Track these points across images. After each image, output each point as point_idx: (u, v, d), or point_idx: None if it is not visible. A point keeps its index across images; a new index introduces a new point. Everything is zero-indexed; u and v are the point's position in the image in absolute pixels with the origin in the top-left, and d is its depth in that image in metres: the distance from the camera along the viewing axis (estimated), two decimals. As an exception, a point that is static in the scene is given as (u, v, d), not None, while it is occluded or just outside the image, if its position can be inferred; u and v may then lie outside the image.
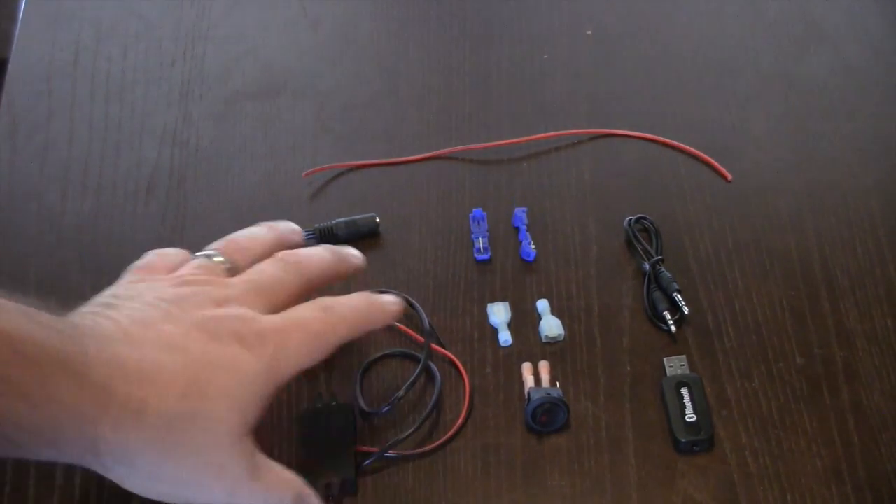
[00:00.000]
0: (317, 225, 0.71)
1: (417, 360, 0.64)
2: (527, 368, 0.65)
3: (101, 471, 0.52)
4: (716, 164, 0.75)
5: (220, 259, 0.59)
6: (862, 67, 0.82)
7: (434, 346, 0.65)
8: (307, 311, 0.56)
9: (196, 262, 0.59)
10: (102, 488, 0.60)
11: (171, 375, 0.51)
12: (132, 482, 0.53)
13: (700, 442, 0.61)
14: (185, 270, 0.58)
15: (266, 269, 0.58)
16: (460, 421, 0.62)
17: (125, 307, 0.54)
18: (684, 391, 0.62)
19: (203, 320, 0.53)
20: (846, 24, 0.85)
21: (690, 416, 0.61)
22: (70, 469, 0.60)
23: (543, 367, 0.64)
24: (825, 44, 0.84)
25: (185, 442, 0.51)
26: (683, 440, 0.61)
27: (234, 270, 0.58)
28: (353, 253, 0.62)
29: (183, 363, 0.51)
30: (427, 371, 0.64)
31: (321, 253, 0.60)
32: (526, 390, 0.63)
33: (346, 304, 0.57)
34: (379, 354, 0.65)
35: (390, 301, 0.60)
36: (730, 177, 0.75)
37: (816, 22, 0.85)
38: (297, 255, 0.59)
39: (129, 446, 0.50)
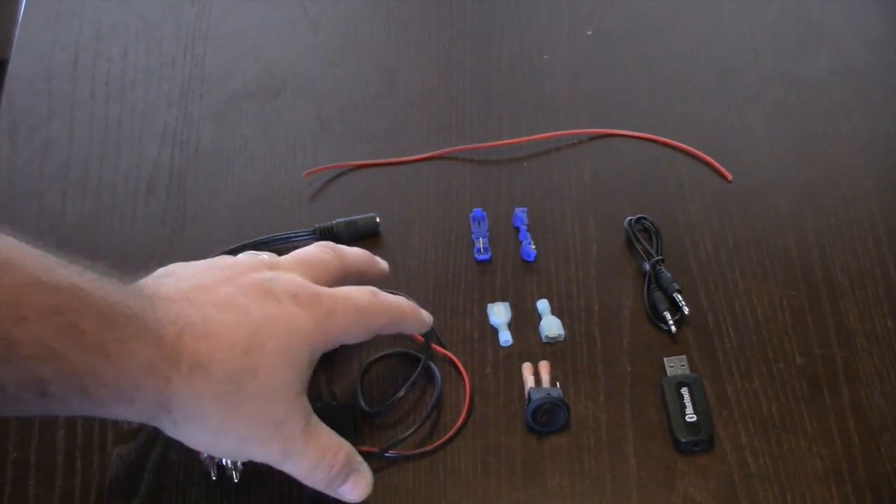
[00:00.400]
0: (317, 225, 0.71)
1: (417, 360, 0.64)
2: (527, 368, 0.65)
3: (170, 429, 0.54)
4: (716, 164, 0.75)
5: (265, 254, 0.62)
6: (862, 67, 0.82)
7: (434, 346, 0.65)
8: (355, 290, 0.59)
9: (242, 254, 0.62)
10: (102, 488, 0.60)
11: (233, 332, 0.53)
12: (199, 439, 0.54)
13: (700, 442, 0.61)
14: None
15: (311, 249, 0.61)
16: (460, 421, 0.62)
17: (181, 274, 0.56)
18: (684, 391, 0.62)
19: (259, 281, 0.56)
20: (846, 24, 0.85)
21: (691, 416, 0.61)
22: (70, 469, 0.60)
23: (543, 367, 0.64)
24: (825, 44, 0.84)
25: (247, 397, 0.53)
26: (684, 440, 0.61)
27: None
28: (381, 259, 0.66)
29: (243, 321, 0.54)
30: (427, 371, 0.64)
31: (357, 248, 0.64)
32: (526, 390, 0.63)
33: (391, 298, 0.60)
34: (379, 354, 0.65)
35: (426, 314, 0.63)
36: (730, 177, 0.75)
37: (816, 22, 0.85)
38: (337, 244, 0.63)
39: (198, 401, 0.52)
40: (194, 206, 0.74)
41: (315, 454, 0.56)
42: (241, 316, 0.54)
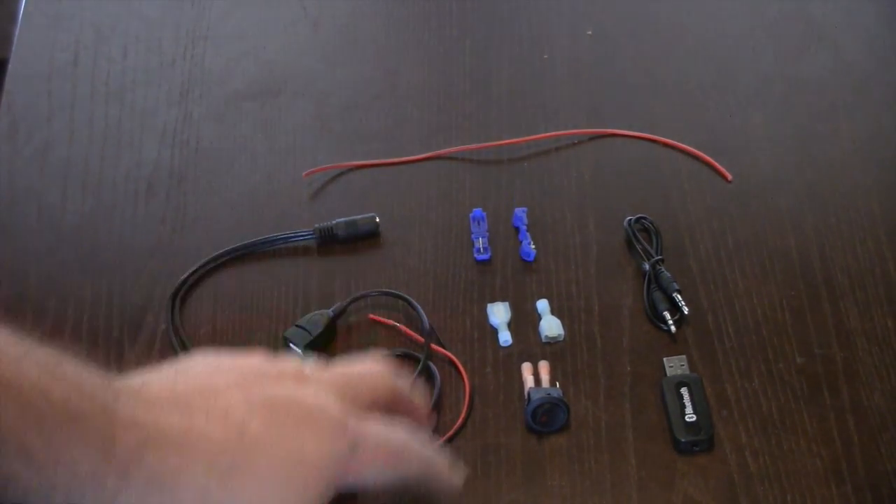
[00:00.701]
0: (317, 225, 0.71)
1: (417, 360, 0.64)
2: (527, 368, 0.65)
3: None
4: (716, 164, 0.75)
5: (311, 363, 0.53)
6: (862, 67, 0.82)
7: (434, 346, 0.65)
8: (390, 427, 0.50)
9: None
10: (102, 488, 0.60)
11: (217, 449, 0.45)
12: None
13: (700, 442, 0.61)
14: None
15: (365, 367, 0.53)
16: (460, 421, 0.62)
17: (196, 370, 0.49)
18: (684, 391, 0.62)
19: (274, 397, 0.48)
20: (846, 24, 0.85)
21: (690, 416, 0.61)
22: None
23: (543, 367, 0.64)
24: (825, 44, 0.84)
25: None
26: (683, 440, 0.61)
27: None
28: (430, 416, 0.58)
29: (233, 439, 0.46)
30: (427, 371, 0.64)
31: (418, 391, 0.56)
32: (526, 390, 0.63)
33: (428, 448, 0.52)
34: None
35: (458, 476, 0.54)
36: (730, 177, 0.75)
37: (816, 22, 0.85)
38: (397, 372, 0.54)
39: None
40: (194, 206, 0.74)
41: None
42: (232, 433, 0.46)
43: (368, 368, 0.53)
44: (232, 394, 0.47)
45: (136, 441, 0.44)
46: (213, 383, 0.48)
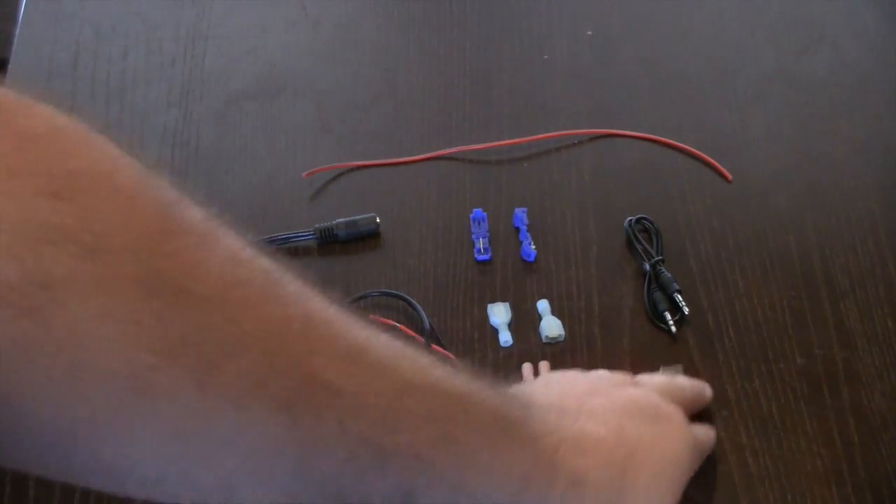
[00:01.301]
0: (317, 225, 0.71)
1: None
2: (527, 368, 0.65)
3: None
4: (716, 164, 0.75)
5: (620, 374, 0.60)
6: (862, 67, 0.82)
7: (434, 346, 0.65)
8: (702, 428, 0.58)
9: None
10: (102, 488, 0.60)
11: (610, 450, 0.50)
12: None
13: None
14: None
15: (673, 377, 0.61)
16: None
17: (549, 378, 0.56)
18: None
19: (631, 397, 0.54)
20: (846, 24, 0.85)
21: None
22: (70, 469, 0.60)
23: (544, 367, 0.64)
24: (825, 44, 0.84)
25: None
26: None
27: None
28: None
29: (621, 438, 0.51)
30: None
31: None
32: (526, 390, 0.63)
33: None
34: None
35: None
36: (730, 177, 0.75)
37: (816, 22, 0.85)
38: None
39: None
40: (194, 207, 0.74)
41: None
42: (617, 433, 0.51)
43: (669, 380, 0.59)
44: (595, 398, 0.53)
45: (553, 445, 0.47)
46: (574, 390, 0.54)
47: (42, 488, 0.60)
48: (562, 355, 0.66)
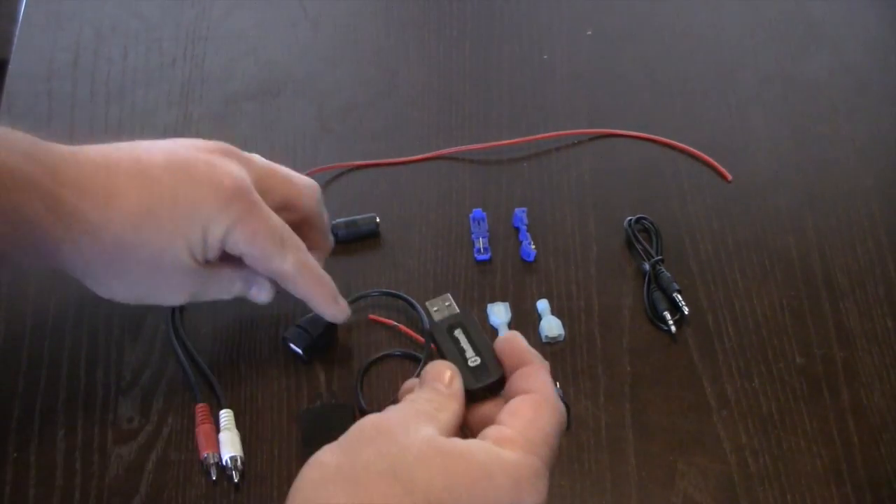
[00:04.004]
0: (317, 225, 0.71)
1: (417, 360, 0.64)
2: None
3: (75, 276, 0.59)
4: (716, 164, 0.75)
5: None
6: (862, 67, 0.82)
7: (434, 346, 0.65)
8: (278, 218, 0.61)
9: None
10: (102, 488, 0.60)
11: (130, 204, 0.56)
12: (99, 289, 0.59)
13: (493, 385, 0.50)
14: None
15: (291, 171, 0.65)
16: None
17: (122, 147, 0.60)
18: (458, 333, 0.52)
19: (189, 146, 0.61)
20: (846, 24, 0.85)
21: (474, 360, 0.51)
22: (70, 469, 0.60)
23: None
24: (825, 44, 0.84)
25: (135, 265, 0.57)
26: (473, 388, 0.50)
27: None
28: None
29: (148, 192, 0.56)
30: None
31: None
32: (526, 390, 0.63)
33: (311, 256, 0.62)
34: (379, 354, 0.65)
35: (343, 304, 0.63)
36: (730, 177, 0.75)
37: (816, 22, 0.85)
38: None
39: (87, 262, 0.57)
40: (194, 206, 0.74)
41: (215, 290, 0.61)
42: (147, 184, 0.57)
43: (300, 176, 0.63)
44: (154, 153, 0.59)
45: (74, 197, 0.55)
46: (139, 156, 0.58)
47: (42, 488, 0.60)
48: (562, 355, 0.66)
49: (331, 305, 0.62)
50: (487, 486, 0.44)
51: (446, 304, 0.54)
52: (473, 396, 0.50)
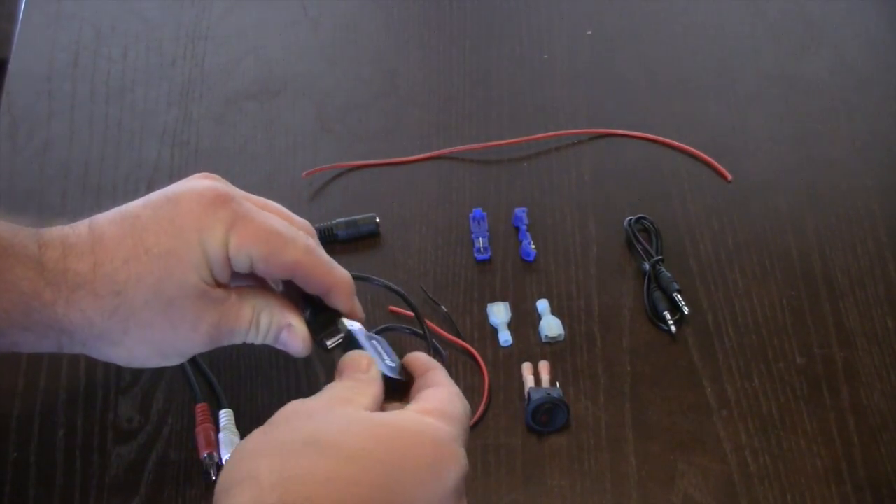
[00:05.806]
0: (317, 225, 0.71)
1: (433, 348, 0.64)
2: (527, 368, 0.65)
3: (86, 352, 0.55)
4: (716, 164, 0.75)
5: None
6: (862, 67, 0.82)
7: (454, 338, 0.65)
8: (274, 217, 0.58)
9: None
10: (102, 488, 0.60)
11: (114, 240, 0.53)
12: (113, 352, 0.55)
13: (403, 385, 0.53)
14: None
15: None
16: (480, 412, 0.62)
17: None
18: (375, 343, 0.55)
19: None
20: (846, 24, 0.85)
21: (389, 363, 0.54)
22: (70, 469, 0.60)
23: (543, 367, 0.64)
24: (825, 44, 0.84)
25: (141, 307, 0.53)
26: (391, 376, 0.53)
27: None
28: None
29: (130, 225, 0.54)
30: (436, 352, 0.64)
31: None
32: (526, 390, 0.63)
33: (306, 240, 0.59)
34: (384, 325, 0.65)
35: (359, 306, 0.60)
36: (730, 177, 0.75)
37: (816, 22, 0.85)
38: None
39: (89, 320, 0.53)
40: (194, 206, 0.73)
41: (230, 329, 0.56)
42: (126, 225, 0.54)
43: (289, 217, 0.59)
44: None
45: (58, 255, 0.53)
46: (118, 208, 0.56)
47: (42, 488, 0.60)
48: (561, 355, 0.66)
49: (350, 298, 0.58)
50: (419, 450, 0.47)
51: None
52: (385, 390, 0.52)
